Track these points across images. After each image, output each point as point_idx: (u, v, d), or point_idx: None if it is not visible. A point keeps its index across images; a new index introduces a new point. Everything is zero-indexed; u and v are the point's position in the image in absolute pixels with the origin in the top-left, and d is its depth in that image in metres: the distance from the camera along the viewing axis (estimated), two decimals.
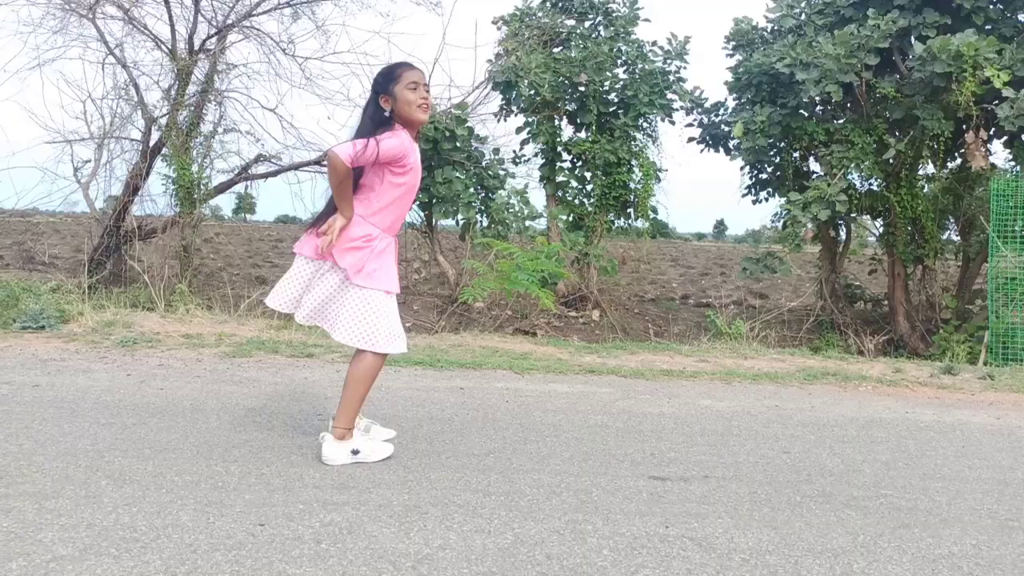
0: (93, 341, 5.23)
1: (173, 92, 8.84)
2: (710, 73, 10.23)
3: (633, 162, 8.74)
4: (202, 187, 8.72)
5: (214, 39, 9.03)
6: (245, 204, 10.95)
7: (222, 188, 9.47)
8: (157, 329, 5.76)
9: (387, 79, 2.90)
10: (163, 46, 8.96)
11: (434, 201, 8.11)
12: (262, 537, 2.24)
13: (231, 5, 8.97)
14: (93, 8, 8.58)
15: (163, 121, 8.93)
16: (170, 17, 8.75)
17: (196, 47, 8.96)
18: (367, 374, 2.92)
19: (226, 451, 3.02)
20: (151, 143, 9.10)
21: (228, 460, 2.91)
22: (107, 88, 9.40)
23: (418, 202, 8.19)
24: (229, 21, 9.01)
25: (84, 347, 5.08)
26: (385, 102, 2.88)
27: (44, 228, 18.60)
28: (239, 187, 9.76)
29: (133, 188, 9.05)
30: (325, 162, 9.87)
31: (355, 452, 2.93)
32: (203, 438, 3.19)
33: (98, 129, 9.00)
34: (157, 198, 9.16)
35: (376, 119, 2.88)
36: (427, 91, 2.92)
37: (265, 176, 9.74)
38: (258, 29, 9.29)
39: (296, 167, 9.67)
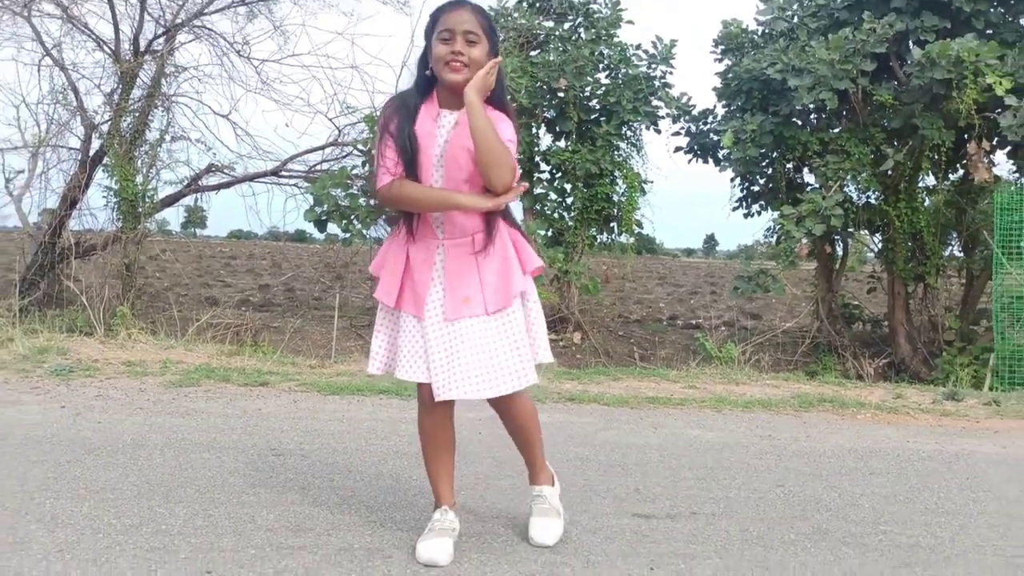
0: (24, 370, 5.16)
1: (116, 97, 8.79)
2: (698, 79, 10.37)
3: (616, 173, 8.81)
4: (147, 200, 8.65)
5: (162, 40, 9.01)
6: (195, 218, 10.88)
7: (169, 201, 9.40)
8: (95, 356, 5.70)
9: (428, 26, 2.47)
10: (106, 47, 8.92)
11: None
12: None
13: (180, 3, 8.97)
14: (28, 6, 8.53)
15: (105, 128, 8.87)
16: (113, 16, 8.72)
17: (142, 48, 8.93)
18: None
19: (170, 491, 2.99)
20: (91, 152, 9.03)
21: (172, 501, 2.88)
22: (43, 92, 9.29)
23: (384, 216, 8.19)
24: (178, 20, 8.99)
25: (13, 376, 5.01)
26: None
27: None
28: (188, 200, 9.70)
29: (71, 201, 8.95)
30: (284, 173, 9.71)
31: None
32: (145, 477, 3.15)
33: (33, 137, 8.92)
34: (97, 212, 9.08)
35: (416, 80, 2.51)
36: (468, 42, 2.37)
37: (217, 188, 9.69)
38: (210, 29, 9.29)
39: (251, 178, 9.63)
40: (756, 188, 9.15)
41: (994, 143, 7.63)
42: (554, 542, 2.60)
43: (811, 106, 8.10)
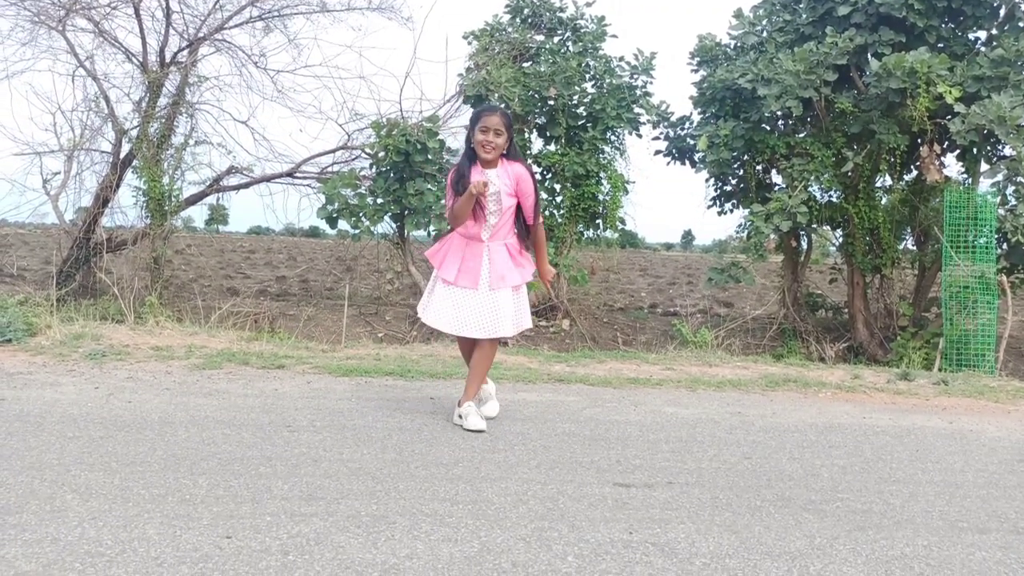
0: (61, 354, 5.14)
1: (144, 104, 8.75)
2: (676, 88, 10.35)
3: (601, 174, 8.80)
4: (173, 199, 8.63)
5: (185, 52, 8.96)
6: (217, 215, 10.84)
7: (193, 200, 9.38)
8: (126, 342, 5.68)
9: (472, 120, 3.73)
10: (134, 59, 8.87)
11: (406, 212, 8.11)
12: (229, 549, 2.22)
13: (202, 18, 8.92)
14: (63, 21, 8.48)
15: (134, 133, 8.83)
16: (141, 30, 8.67)
17: (167, 60, 8.88)
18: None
19: (194, 464, 2.99)
20: (121, 155, 8.99)
21: (196, 473, 2.88)
22: (77, 100, 9.30)
23: (390, 213, 8.19)
24: (200, 34, 8.95)
25: (51, 360, 4.99)
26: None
27: (12, 240, 18.20)
28: (211, 199, 9.68)
29: (103, 200, 8.92)
30: (296, 175, 9.67)
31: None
32: (171, 451, 3.15)
33: (68, 141, 8.89)
34: (127, 210, 9.08)
35: (466, 151, 3.76)
36: (496, 135, 3.63)
37: (237, 188, 9.66)
38: (230, 42, 9.25)
39: (268, 179, 9.61)
40: (728, 188, 9.16)
41: (944, 147, 7.65)
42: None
43: (779, 113, 8.11)
